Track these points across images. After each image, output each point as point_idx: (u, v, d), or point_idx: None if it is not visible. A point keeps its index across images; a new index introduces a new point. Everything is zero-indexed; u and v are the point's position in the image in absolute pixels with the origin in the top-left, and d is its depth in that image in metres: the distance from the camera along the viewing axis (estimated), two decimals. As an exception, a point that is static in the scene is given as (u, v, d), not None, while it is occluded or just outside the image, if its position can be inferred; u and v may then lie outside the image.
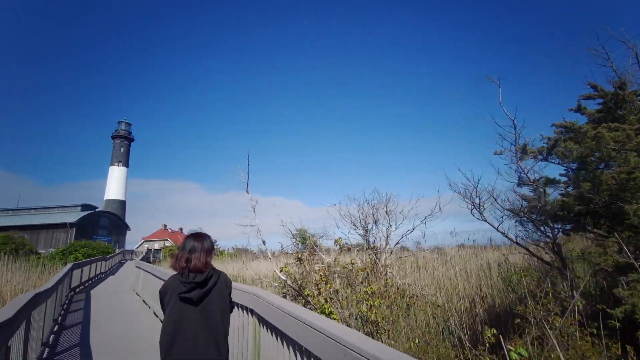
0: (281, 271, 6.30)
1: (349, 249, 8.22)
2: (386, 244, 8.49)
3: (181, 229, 68.04)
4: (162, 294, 1.87)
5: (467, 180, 6.56)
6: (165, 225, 64.44)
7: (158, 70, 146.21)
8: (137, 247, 52.80)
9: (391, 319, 4.90)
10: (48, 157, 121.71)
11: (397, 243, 8.50)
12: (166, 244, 49.46)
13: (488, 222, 6.30)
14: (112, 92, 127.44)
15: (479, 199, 6.39)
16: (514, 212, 6.08)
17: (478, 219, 6.40)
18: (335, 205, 9.43)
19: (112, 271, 20.19)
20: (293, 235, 9.49)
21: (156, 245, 51.44)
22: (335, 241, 7.91)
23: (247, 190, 7.43)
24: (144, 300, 8.58)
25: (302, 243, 11.83)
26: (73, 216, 37.91)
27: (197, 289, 1.81)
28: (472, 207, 6.48)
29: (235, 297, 2.47)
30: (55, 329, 5.85)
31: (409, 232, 8.32)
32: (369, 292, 4.71)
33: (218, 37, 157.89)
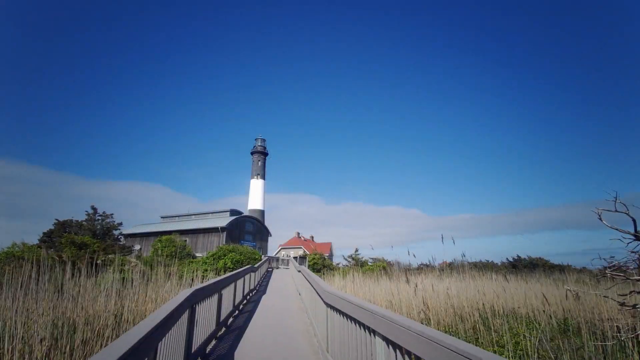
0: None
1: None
2: None
3: (312, 237, 66.69)
4: None
5: None
6: (299, 233, 64.04)
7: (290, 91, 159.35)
8: (276, 254, 52.65)
9: None
10: (205, 178, 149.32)
11: None
12: (305, 252, 46.87)
13: None
14: (247, 112, 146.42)
15: None
16: None
17: None
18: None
19: (262, 287, 15.45)
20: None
21: (291, 253, 49.95)
22: None
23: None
24: None
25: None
26: (223, 221, 38.73)
27: None
28: None
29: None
30: None
31: None
32: None
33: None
